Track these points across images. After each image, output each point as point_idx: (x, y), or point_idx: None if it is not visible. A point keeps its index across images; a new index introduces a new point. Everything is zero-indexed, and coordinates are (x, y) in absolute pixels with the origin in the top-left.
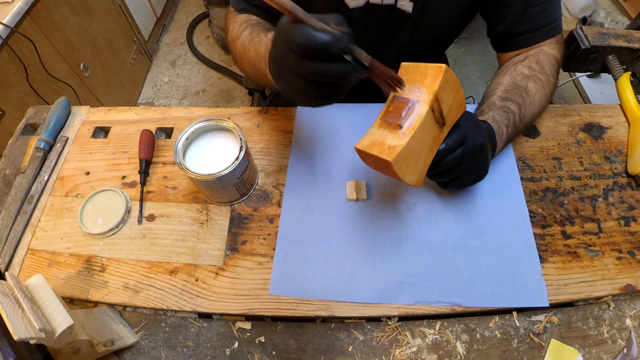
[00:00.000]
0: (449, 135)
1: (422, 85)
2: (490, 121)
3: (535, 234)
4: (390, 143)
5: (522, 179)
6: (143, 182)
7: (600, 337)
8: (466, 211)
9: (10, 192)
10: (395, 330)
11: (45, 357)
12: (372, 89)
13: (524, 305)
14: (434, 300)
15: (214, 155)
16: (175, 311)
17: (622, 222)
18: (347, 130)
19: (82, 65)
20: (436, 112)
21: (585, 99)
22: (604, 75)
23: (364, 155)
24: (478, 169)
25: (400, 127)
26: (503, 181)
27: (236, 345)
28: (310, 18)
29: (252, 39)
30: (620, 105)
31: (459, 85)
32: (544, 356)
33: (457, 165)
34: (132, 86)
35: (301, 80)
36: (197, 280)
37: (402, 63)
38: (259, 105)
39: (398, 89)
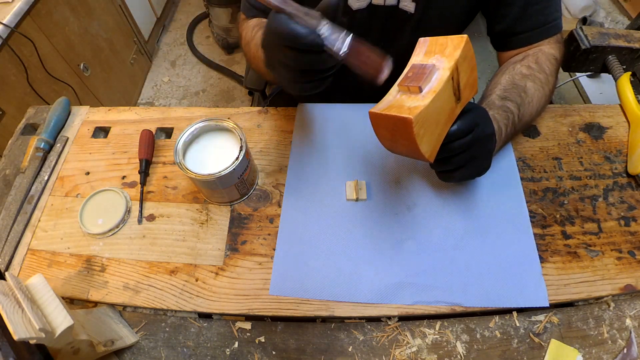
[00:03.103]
0: (461, 118)
1: (441, 55)
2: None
3: (535, 234)
4: (409, 105)
5: (522, 179)
6: (143, 182)
7: (600, 337)
8: (466, 211)
9: (10, 192)
10: (395, 330)
11: (45, 357)
12: (373, 90)
13: (524, 305)
14: (434, 300)
15: (214, 155)
16: (175, 311)
17: (622, 222)
18: (347, 130)
19: (82, 65)
20: (455, 82)
21: (585, 99)
22: (604, 75)
23: (379, 119)
24: (482, 160)
25: (421, 90)
26: (503, 181)
27: (236, 345)
28: (289, 5)
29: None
30: (620, 105)
31: (475, 63)
32: (544, 356)
33: (464, 152)
34: (132, 86)
35: (285, 68)
36: (197, 280)
37: (421, 38)
38: (259, 105)
39: (380, 76)
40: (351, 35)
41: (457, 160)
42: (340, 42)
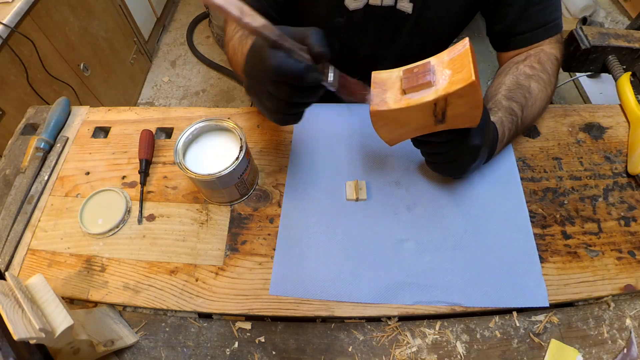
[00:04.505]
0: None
1: (451, 76)
2: (498, 125)
3: (535, 234)
4: (390, 98)
5: (522, 179)
6: (143, 182)
7: (600, 337)
8: (466, 211)
9: (10, 192)
10: (395, 330)
11: (45, 357)
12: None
13: (524, 305)
14: (434, 300)
15: (214, 155)
16: (175, 311)
17: (622, 222)
18: (346, 130)
19: (82, 65)
20: (438, 109)
21: (585, 99)
22: (604, 75)
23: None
24: (461, 165)
25: (404, 92)
26: (503, 181)
27: (236, 345)
28: (286, 40)
29: (241, 41)
30: (620, 105)
31: (480, 103)
32: (544, 356)
33: (442, 153)
34: (132, 86)
35: (272, 99)
36: (197, 280)
37: (463, 41)
38: None
39: (368, 100)
40: (333, 67)
41: (435, 157)
42: (330, 76)
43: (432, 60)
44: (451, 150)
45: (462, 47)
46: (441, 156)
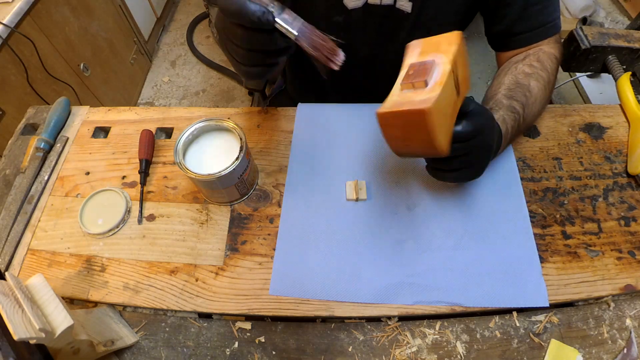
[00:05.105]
0: (468, 119)
1: (437, 52)
2: (500, 122)
3: (535, 234)
4: (419, 99)
5: (522, 179)
6: (143, 182)
7: (600, 337)
8: (466, 211)
9: (10, 192)
10: (395, 330)
11: (45, 357)
12: (371, 90)
13: (524, 305)
14: (434, 300)
15: (214, 155)
16: (175, 311)
17: (622, 222)
18: (346, 130)
19: (82, 65)
20: (455, 75)
21: (585, 99)
22: (604, 75)
23: (389, 118)
24: (477, 168)
25: (426, 84)
26: (503, 181)
27: (236, 345)
28: None
29: None
30: (620, 105)
31: (468, 60)
32: (544, 356)
33: (463, 156)
34: (132, 86)
35: (235, 47)
36: (197, 280)
37: (411, 42)
38: (259, 105)
39: (336, 63)
40: (302, 20)
41: (455, 162)
42: (292, 23)
43: (407, 60)
44: (473, 148)
45: (416, 43)
46: (462, 159)
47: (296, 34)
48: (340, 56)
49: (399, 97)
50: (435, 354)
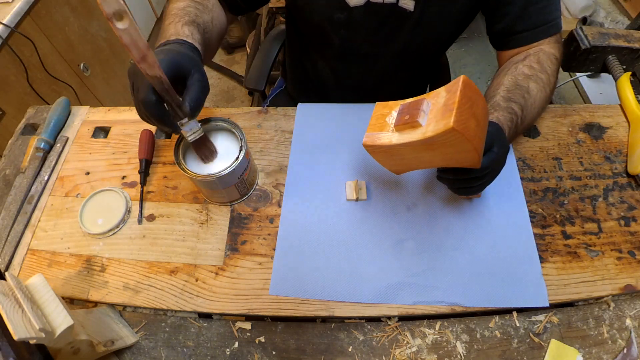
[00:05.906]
0: (489, 154)
1: (440, 117)
2: (495, 122)
3: (535, 234)
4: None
5: (522, 179)
6: (143, 182)
7: (600, 337)
8: (466, 211)
9: (10, 192)
10: (395, 330)
11: (45, 357)
12: (372, 89)
13: (524, 305)
14: (434, 300)
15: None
16: (175, 311)
17: (622, 222)
18: (346, 130)
19: (82, 65)
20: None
21: (585, 99)
22: (604, 75)
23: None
24: (498, 172)
25: (422, 121)
26: (503, 181)
27: (236, 345)
28: (169, 94)
29: (175, 18)
30: (620, 105)
31: (471, 147)
32: (544, 356)
33: (487, 176)
34: None
35: (138, 104)
36: (197, 280)
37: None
38: (259, 105)
39: (208, 161)
40: (204, 133)
41: (480, 185)
42: (192, 134)
43: (428, 97)
44: (488, 175)
45: (456, 86)
46: (480, 182)
47: (189, 141)
48: (214, 158)
49: (405, 135)
50: (435, 354)
